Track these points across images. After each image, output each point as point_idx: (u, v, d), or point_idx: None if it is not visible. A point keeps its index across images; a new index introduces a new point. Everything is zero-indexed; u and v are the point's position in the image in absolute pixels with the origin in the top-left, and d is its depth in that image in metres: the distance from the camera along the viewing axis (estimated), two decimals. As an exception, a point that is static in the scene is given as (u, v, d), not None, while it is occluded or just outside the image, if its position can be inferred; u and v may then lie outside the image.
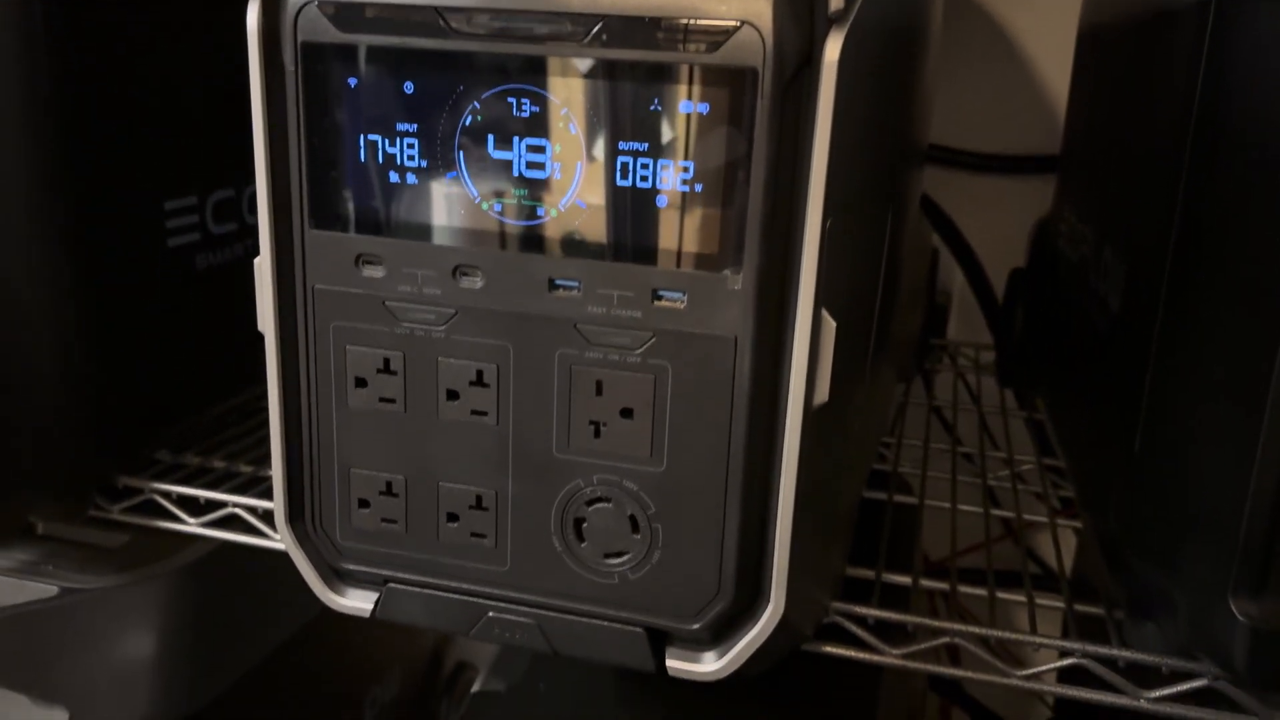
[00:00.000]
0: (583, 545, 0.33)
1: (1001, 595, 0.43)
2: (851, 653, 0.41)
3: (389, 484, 0.34)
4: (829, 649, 0.41)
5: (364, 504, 0.35)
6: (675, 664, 0.34)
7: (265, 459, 0.50)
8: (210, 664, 0.56)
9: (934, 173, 0.80)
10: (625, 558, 0.33)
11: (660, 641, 0.34)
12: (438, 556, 0.35)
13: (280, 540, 0.46)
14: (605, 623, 0.34)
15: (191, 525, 0.48)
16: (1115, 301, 0.44)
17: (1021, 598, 0.43)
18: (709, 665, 0.34)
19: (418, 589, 0.35)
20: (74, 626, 0.51)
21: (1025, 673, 0.40)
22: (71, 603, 0.51)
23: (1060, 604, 0.43)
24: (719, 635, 0.33)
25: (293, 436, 0.35)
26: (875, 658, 0.41)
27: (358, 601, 0.37)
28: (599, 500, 0.33)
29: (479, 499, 0.34)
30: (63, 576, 0.53)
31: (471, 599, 0.35)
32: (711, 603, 0.33)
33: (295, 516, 0.36)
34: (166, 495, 0.48)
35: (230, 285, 0.54)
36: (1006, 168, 0.79)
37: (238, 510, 0.47)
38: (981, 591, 0.43)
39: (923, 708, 0.84)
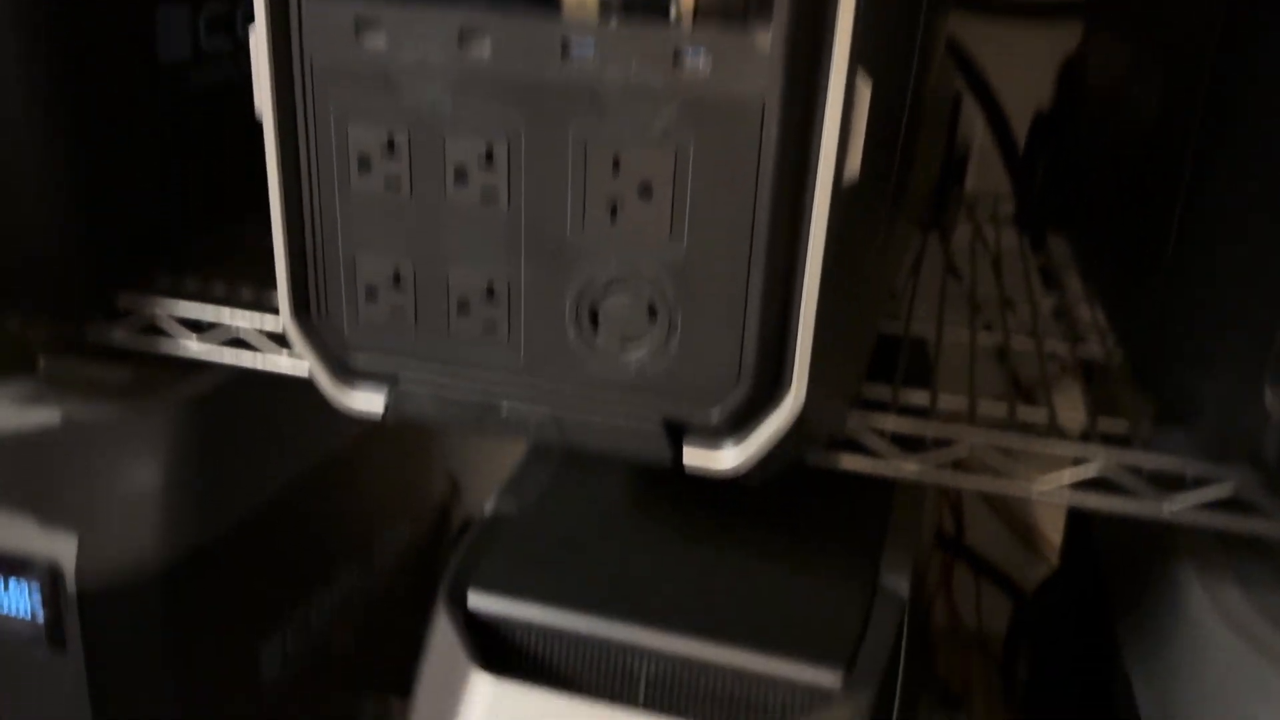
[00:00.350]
0: (598, 335, 0.32)
1: (1023, 412, 0.42)
2: (867, 465, 0.41)
3: (396, 273, 0.33)
4: (845, 462, 0.41)
5: (371, 294, 0.34)
6: (693, 458, 0.33)
7: (267, 283, 0.49)
8: (219, 496, 0.56)
9: (958, 19, 0.76)
10: (642, 347, 0.32)
11: (678, 434, 0.33)
12: (449, 349, 0.34)
13: (285, 359, 0.46)
14: (621, 415, 0.33)
15: (193, 347, 0.47)
16: (1152, 109, 0.42)
17: (1042, 417, 0.42)
18: (727, 459, 0.33)
19: (429, 384, 0.34)
20: (79, 453, 0.51)
21: (1043, 482, 0.39)
22: (75, 430, 0.51)
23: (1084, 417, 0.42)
24: (738, 426, 0.33)
25: (295, 224, 0.34)
26: (891, 470, 0.40)
27: (368, 401, 0.36)
28: (615, 286, 0.31)
29: (490, 288, 0.32)
30: (66, 407, 0.53)
31: (485, 393, 0.34)
32: (731, 391, 0.32)
33: (300, 310, 0.35)
34: (167, 316, 0.47)
35: (226, 108, 0.52)
36: (1033, 12, 0.76)
37: (241, 330, 0.46)
38: (1001, 410, 0.42)
39: (929, 563, 0.85)
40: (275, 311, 0.46)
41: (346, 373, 0.36)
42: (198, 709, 0.57)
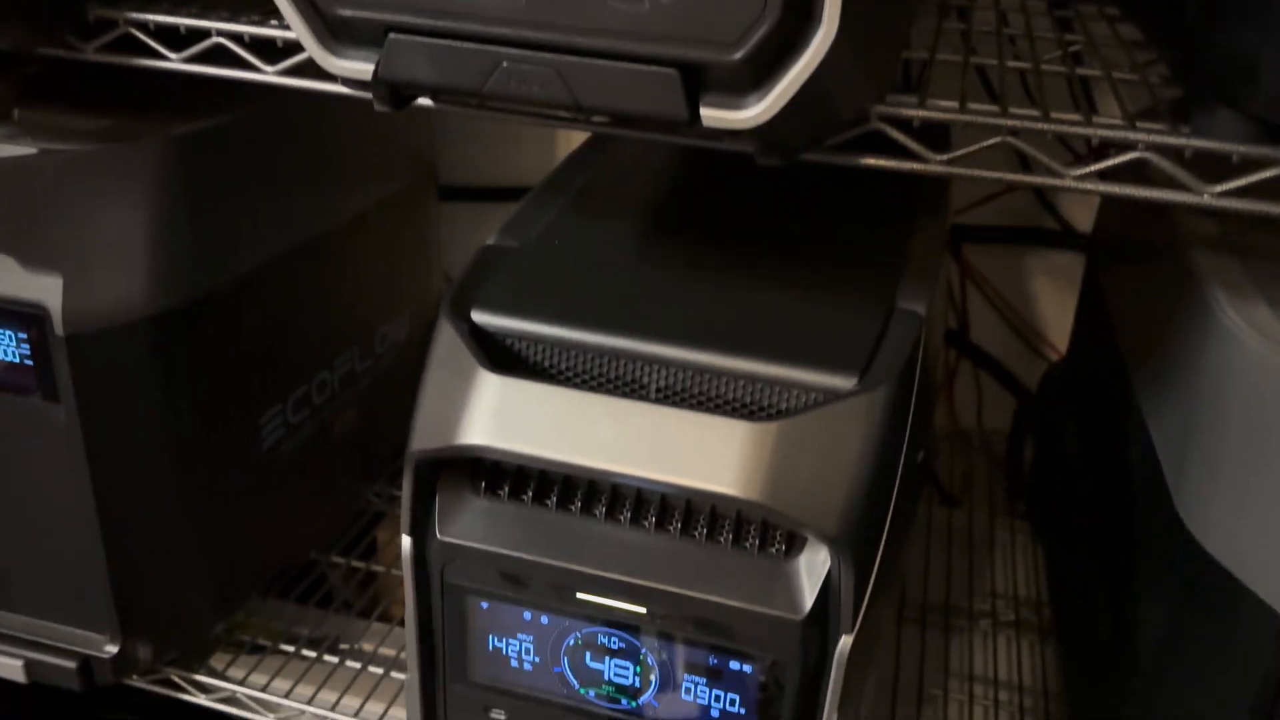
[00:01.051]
0: (609, -35, 0.29)
1: (1059, 116, 0.39)
2: (893, 162, 0.38)
3: (386, -99, 0.30)
4: (869, 160, 0.39)
5: (358, -71, 0.31)
6: (711, 113, 0.31)
7: (246, 5, 0.46)
8: (209, 248, 0.54)
9: None
10: (657, -24, 0.29)
11: (694, 87, 0.31)
12: (444, -7, 0.31)
13: (270, 71, 0.43)
14: (634, 64, 0.30)
15: (173, 60, 0.44)
16: None
17: (1076, 115, 0.40)
18: (748, 111, 0.30)
19: (423, 37, 0.32)
20: (57, 186, 0.48)
21: (1078, 171, 0.37)
22: (53, 161, 0.48)
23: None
24: (761, 72, 0.30)
25: None
26: (918, 166, 0.38)
27: (357, 65, 0.33)
28: (628, -97, 0.28)
29: (489, -88, 0.29)
30: (43, 144, 0.50)
31: (483, 45, 0.31)
32: (755, 24, 0.29)
33: (282, -43, 0.32)
34: (143, 27, 0.44)
35: None
36: None
37: (223, 40, 0.43)
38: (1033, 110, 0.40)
39: (941, 354, 0.84)
40: (258, 24, 0.43)
41: (334, 33, 0.33)
42: (195, 467, 0.56)
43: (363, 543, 0.74)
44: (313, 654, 0.63)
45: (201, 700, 0.61)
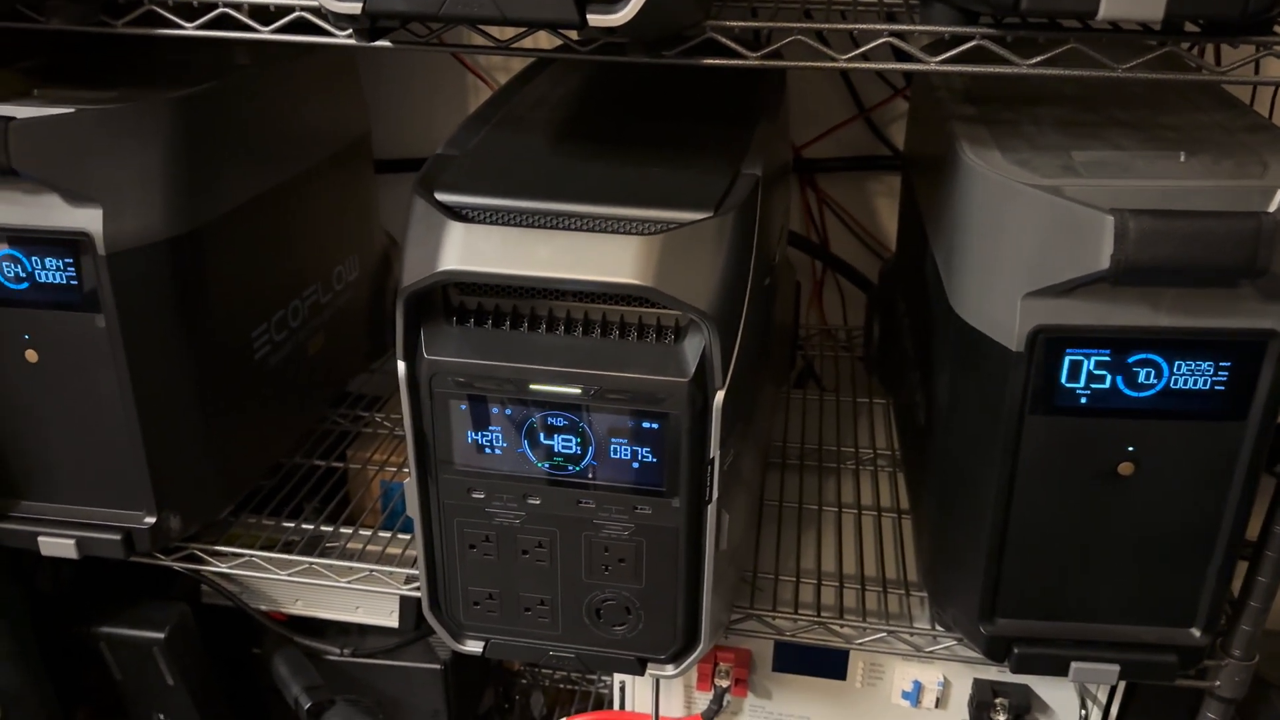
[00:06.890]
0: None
1: (833, 25, 0.56)
2: (722, 61, 0.55)
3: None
4: (706, 61, 0.55)
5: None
6: (593, 16, 0.47)
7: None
8: (208, 186, 0.68)
9: None
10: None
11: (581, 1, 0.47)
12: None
13: (266, 30, 0.57)
14: (540, -12, 0.46)
15: (188, 28, 0.58)
16: None
17: (846, 24, 0.57)
18: (618, 13, 0.46)
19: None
20: (92, 136, 0.61)
21: (849, 54, 0.54)
22: (87, 115, 0.61)
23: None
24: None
25: None
26: (738, 62, 0.55)
27: (351, 3, 0.48)
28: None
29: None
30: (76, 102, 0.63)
31: (441, -12, 0.47)
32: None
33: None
34: (163, 4, 0.58)
35: None
36: None
37: (227, 9, 0.57)
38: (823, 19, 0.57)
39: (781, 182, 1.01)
40: None
41: (332, -14, 0.48)
42: (207, 368, 0.70)
43: (332, 455, 0.88)
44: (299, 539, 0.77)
45: (222, 568, 0.74)
